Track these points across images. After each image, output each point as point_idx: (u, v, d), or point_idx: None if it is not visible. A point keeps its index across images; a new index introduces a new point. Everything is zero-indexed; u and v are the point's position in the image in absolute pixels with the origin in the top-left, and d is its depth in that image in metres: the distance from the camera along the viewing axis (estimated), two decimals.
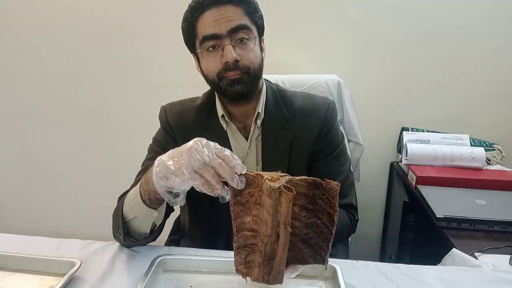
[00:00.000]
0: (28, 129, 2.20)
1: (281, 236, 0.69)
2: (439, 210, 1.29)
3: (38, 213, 2.36)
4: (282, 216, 0.67)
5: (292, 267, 0.76)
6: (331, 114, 1.14)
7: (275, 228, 0.68)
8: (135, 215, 0.92)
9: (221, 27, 0.97)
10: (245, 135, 1.12)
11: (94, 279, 0.87)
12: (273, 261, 0.71)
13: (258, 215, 0.71)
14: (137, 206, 0.90)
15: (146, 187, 0.86)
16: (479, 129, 1.88)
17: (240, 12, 0.99)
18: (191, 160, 0.72)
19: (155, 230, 0.97)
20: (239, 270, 0.75)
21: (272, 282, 0.73)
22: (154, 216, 0.91)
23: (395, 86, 1.91)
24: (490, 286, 0.87)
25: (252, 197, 0.71)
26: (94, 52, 2.03)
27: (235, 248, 0.74)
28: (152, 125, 1.20)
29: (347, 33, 1.87)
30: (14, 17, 2.01)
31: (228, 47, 0.98)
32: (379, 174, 2.03)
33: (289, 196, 0.66)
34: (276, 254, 0.71)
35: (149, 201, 0.87)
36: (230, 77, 1.00)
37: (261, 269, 0.72)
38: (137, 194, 0.89)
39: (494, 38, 1.80)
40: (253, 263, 0.73)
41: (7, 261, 0.91)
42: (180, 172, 0.73)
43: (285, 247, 0.70)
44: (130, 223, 0.94)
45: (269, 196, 0.66)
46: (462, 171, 1.60)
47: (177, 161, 0.74)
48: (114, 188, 1.09)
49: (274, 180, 0.68)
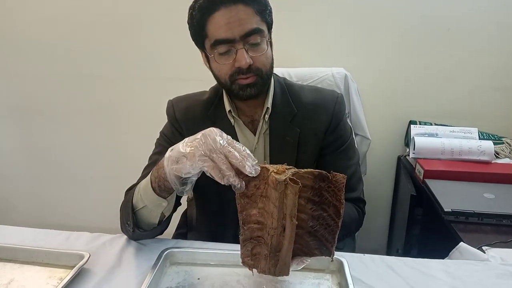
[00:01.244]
0: (36, 124, 2.22)
1: (287, 229, 0.69)
2: (446, 204, 1.29)
3: (46, 207, 2.38)
4: (288, 208, 0.68)
5: (298, 259, 0.76)
6: (340, 108, 1.13)
7: (281, 220, 0.69)
8: (144, 204, 0.92)
9: (234, 31, 0.95)
10: (253, 129, 1.12)
11: (102, 272, 0.88)
12: (279, 253, 0.71)
13: (264, 208, 0.71)
14: (147, 195, 0.91)
15: (156, 174, 0.87)
16: (488, 122, 1.86)
17: (252, 13, 0.97)
18: (203, 144, 0.73)
19: (163, 221, 0.97)
20: (245, 262, 0.75)
21: (278, 274, 0.73)
22: (163, 206, 0.92)
23: (402, 79, 1.90)
24: (498, 280, 0.87)
25: (258, 189, 0.71)
26: (100, 47, 2.03)
27: (241, 240, 0.75)
28: (159, 119, 1.20)
29: (354, 26, 1.85)
30: (20, 11, 2.02)
31: (241, 51, 0.96)
32: (386, 168, 2.02)
33: (295, 189, 0.66)
34: (282, 246, 0.71)
35: (159, 188, 0.88)
36: (243, 81, 1.00)
37: (268, 261, 0.72)
38: (147, 183, 0.90)
39: (503, 30, 1.78)
40: (260, 255, 0.73)
41: (17, 254, 0.92)
42: (191, 155, 0.74)
43: (291, 239, 0.70)
44: (140, 213, 0.95)
45: (275, 188, 0.67)
46: (470, 165, 1.59)
47: (190, 145, 0.76)
48: (122, 182, 1.10)
49: (280, 173, 0.68)
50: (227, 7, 0.95)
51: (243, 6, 0.95)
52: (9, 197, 2.40)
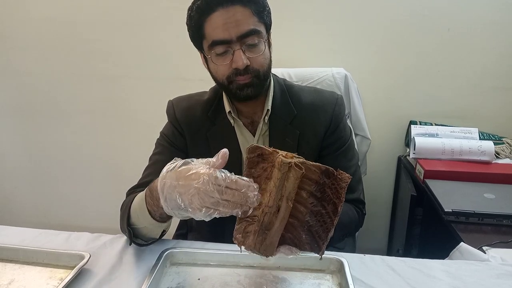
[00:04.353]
0: (37, 124, 2.21)
1: (281, 210, 0.70)
2: (447, 204, 1.29)
3: (47, 207, 2.38)
4: (287, 190, 0.69)
5: (287, 247, 0.76)
6: (339, 110, 1.13)
7: (277, 201, 0.70)
8: (144, 225, 0.91)
9: (231, 32, 0.95)
10: (252, 130, 1.12)
11: (103, 272, 0.88)
12: (268, 232, 0.72)
13: (266, 189, 0.72)
14: (145, 218, 0.88)
15: (156, 208, 0.83)
16: (488, 123, 1.86)
17: (249, 13, 0.96)
18: (202, 202, 0.69)
19: None
20: (236, 238, 0.75)
21: (264, 252, 0.73)
22: (164, 226, 0.91)
23: (403, 79, 1.90)
24: (498, 280, 0.87)
25: (264, 172, 0.73)
26: (100, 46, 2.03)
27: (238, 218, 0.75)
28: (159, 119, 1.20)
29: (354, 26, 1.85)
30: (20, 11, 2.02)
31: (238, 52, 0.96)
32: (387, 168, 2.01)
33: (297, 173, 0.67)
34: (273, 226, 0.71)
35: (161, 219, 0.86)
36: (240, 81, 1.00)
37: (255, 237, 0.72)
38: (143, 209, 0.86)
39: (503, 30, 1.78)
40: (250, 233, 0.74)
41: (17, 254, 0.92)
42: (195, 211, 0.70)
43: (283, 220, 0.71)
44: (139, 230, 0.93)
45: (279, 169, 0.68)
46: (471, 165, 1.59)
47: (188, 199, 0.70)
48: (122, 182, 1.10)
49: (287, 157, 0.69)
50: (225, 8, 0.95)
51: (240, 7, 0.95)
52: (9, 197, 2.40)
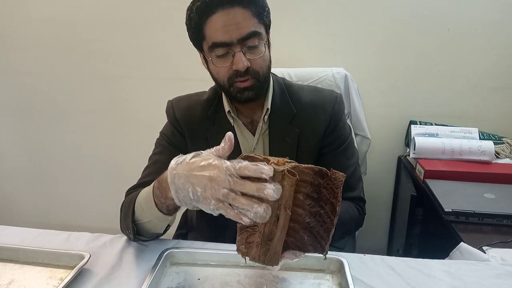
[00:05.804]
0: (37, 124, 2.21)
1: (280, 218, 0.70)
2: (447, 204, 1.29)
3: (47, 207, 2.38)
4: (283, 199, 0.68)
5: (290, 252, 0.76)
6: (339, 108, 1.13)
7: (275, 210, 0.69)
8: (149, 219, 0.90)
9: (231, 34, 0.94)
10: (252, 130, 1.12)
11: (103, 272, 0.88)
12: (271, 242, 0.72)
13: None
14: (151, 211, 0.87)
15: (163, 200, 0.82)
16: (488, 123, 1.86)
17: (249, 15, 0.96)
18: (214, 192, 0.67)
19: None
20: (239, 250, 0.76)
21: (268, 262, 0.73)
22: (169, 219, 0.91)
23: (403, 79, 1.90)
24: (498, 280, 0.87)
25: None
26: (101, 46, 2.03)
27: (239, 228, 0.75)
28: (159, 119, 1.20)
29: (354, 26, 1.85)
30: (20, 11, 2.02)
31: (239, 55, 0.96)
32: (387, 168, 2.01)
33: (291, 180, 0.67)
34: (274, 235, 0.71)
35: (167, 211, 0.85)
36: (240, 84, 1.00)
37: (259, 249, 0.72)
38: (150, 202, 0.86)
39: (503, 30, 1.78)
40: (253, 244, 0.74)
41: (17, 254, 0.92)
42: (206, 201, 0.69)
43: (283, 229, 0.71)
44: (143, 225, 0.93)
45: (273, 178, 0.67)
46: (471, 165, 1.59)
47: (202, 188, 0.69)
48: (122, 182, 1.10)
49: (279, 165, 0.68)
50: (225, 10, 0.94)
51: (240, 8, 0.95)
52: (9, 197, 2.40)
